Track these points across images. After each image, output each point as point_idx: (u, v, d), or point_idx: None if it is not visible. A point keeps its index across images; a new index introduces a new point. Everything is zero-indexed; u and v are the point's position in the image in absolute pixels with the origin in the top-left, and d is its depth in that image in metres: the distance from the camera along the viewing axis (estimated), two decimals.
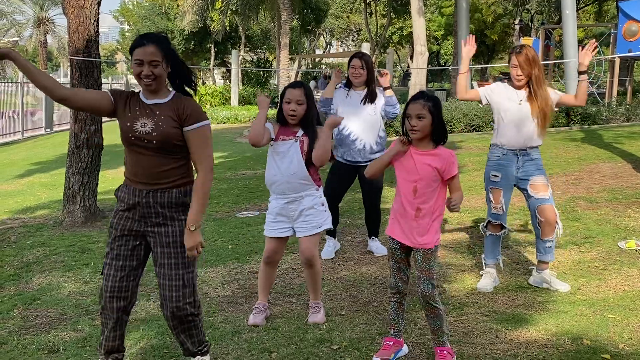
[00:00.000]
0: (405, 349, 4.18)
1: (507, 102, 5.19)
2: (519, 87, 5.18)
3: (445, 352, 3.96)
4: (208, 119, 3.67)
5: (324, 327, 4.61)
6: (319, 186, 4.68)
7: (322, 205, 4.67)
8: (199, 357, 3.85)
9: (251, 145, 4.56)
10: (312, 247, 4.66)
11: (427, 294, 3.93)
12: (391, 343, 4.11)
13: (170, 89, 3.67)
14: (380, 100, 6.19)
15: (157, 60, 3.50)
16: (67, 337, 4.60)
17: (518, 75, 5.10)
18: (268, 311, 4.84)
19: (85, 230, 7.72)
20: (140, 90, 3.67)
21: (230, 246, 6.87)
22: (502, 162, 5.24)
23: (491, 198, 5.32)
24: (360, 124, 6.10)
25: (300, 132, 4.57)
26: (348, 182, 6.37)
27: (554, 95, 5.20)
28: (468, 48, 5.32)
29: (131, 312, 3.85)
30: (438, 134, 3.90)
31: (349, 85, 6.21)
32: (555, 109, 5.31)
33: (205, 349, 3.87)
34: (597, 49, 5.11)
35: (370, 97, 6.13)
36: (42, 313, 5.11)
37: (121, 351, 3.82)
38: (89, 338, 4.55)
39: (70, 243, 7.16)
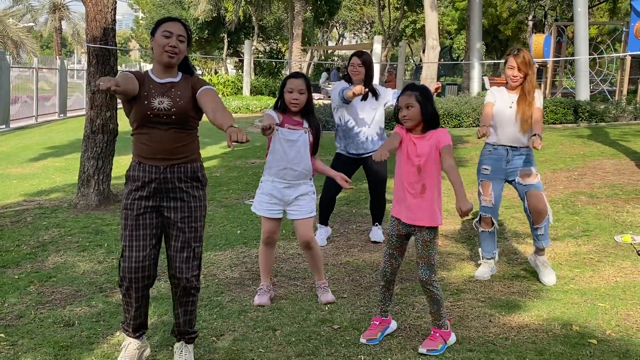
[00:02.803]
0: (393, 325, 4.43)
1: (501, 103, 5.42)
2: (512, 89, 5.38)
3: (437, 334, 4.19)
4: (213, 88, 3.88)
5: (326, 308, 4.85)
6: (314, 175, 4.99)
7: (314, 193, 5.00)
8: (183, 342, 3.97)
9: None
10: (308, 231, 4.95)
11: (424, 279, 4.17)
12: (377, 323, 4.37)
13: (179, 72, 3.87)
14: (385, 96, 6.39)
15: (184, 37, 3.72)
16: (81, 312, 4.84)
17: (514, 76, 5.33)
18: (272, 292, 5.08)
19: (99, 213, 7.97)
20: (148, 70, 3.84)
21: (238, 231, 7.11)
22: (493, 156, 5.47)
23: (481, 190, 5.53)
24: (363, 117, 6.34)
25: (305, 124, 4.82)
26: (349, 173, 6.58)
27: (538, 102, 5.37)
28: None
29: None
30: (430, 121, 4.14)
31: (349, 81, 6.43)
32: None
33: (193, 336, 4.00)
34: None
35: (372, 93, 6.36)
36: (57, 290, 5.35)
37: (146, 326, 4.02)
38: (102, 313, 4.79)
39: (84, 225, 7.41)
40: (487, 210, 5.51)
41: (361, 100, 6.33)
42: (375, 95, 6.39)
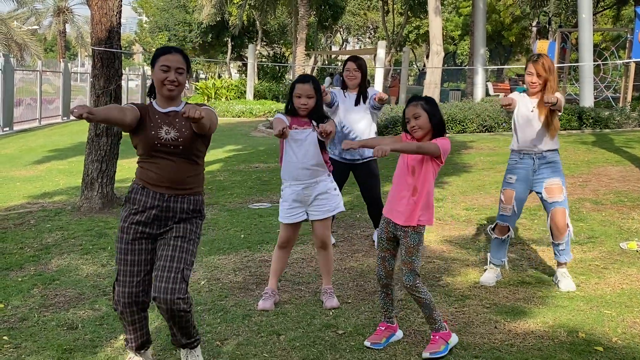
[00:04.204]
0: (399, 333, 4.40)
1: (522, 108, 5.40)
2: (532, 94, 5.36)
3: (437, 337, 4.17)
4: (214, 110, 3.86)
5: (331, 313, 4.82)
6: (331, 171, 4.96)
7: (335, 189, 4.97)
8: (187, 349, 3.91)
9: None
10: (325, 231, 4.98)
11: (408, 285, 4.16)
12: (383, 328, 4.35)
13: (182, 100, 3.86)
14: (369, 95, 6.40)
15: (182, 68, 3.71)
16: (85, 315, 4.83)
17: (533, 83, 5.29)
18: (277, 296, 5.06)
19: (103, 216, 7.96)
20: (151, 102, 3.83)
21: (242, 235, 7.09)
22: (519, 165, 5.44)
23: (502, 198, 5.50)
24: (358, 123, 6.32)
25: (314, 123, 4.82)
26: (343, 179, 6.53)
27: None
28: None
29: None
30: (438, 128, 4.16)
31: (344, 87, 6.42)
32: (560, 113, 5.44)
33: (195, 343, 3.90)
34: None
35: (363, 98, 6.35)
36: (61, 292, 5.34)
37: (150, 342, 3.98)
38: (106, 317, 4.77)
39: (87, 228, 7.40)
40: (506, 219, 5.48)
41: (355, 105, 6.33)
42: (365, 99, 6.36)
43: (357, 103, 6.34)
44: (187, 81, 3.81)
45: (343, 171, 6.48)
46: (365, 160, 6.43)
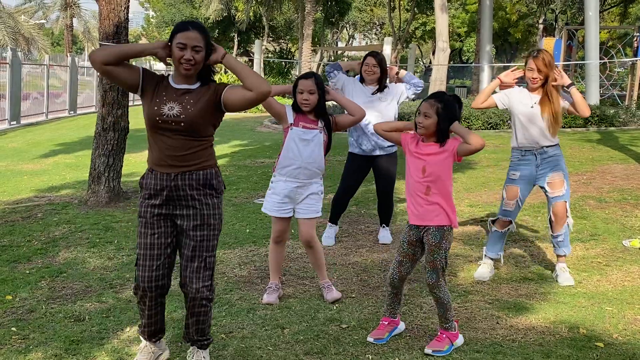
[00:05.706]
0: (401, 326, 4.46)
1: (520, 105, 5.42)
2: (533, 90, 5.39)
3: (444, 335, 4.20)
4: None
5: (335, 307, 4.88)
6: (324, 175, 5.05)
7: (322, 193, 5.05)
8: (195, 347, 3.93)
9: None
10: (310, 230, 5.03)
11: (430, 283, 4.19)
12: (386, 323, 4.40)
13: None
14: (395, 88, 6.43)
15: (200, 46, 3.59)
16: (92, 307, 4.89)
17: (534, 78, 5.32)
18: (281, 290, 5.12)
19: (109, 210, 8.02)
20: (169, 74, 3.78)
21: (247, 230, 7.14)
22: (522, 162, 5.48)
23: (504, 195, 5.54)
24: (377, 114, 6.29)
25: (320, 124, 4.85)
26: (364, 173, 6.60)
27: (563, 103, 5.39)
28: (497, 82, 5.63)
29: None
30: (443, 136, 4.12)
31: (362, 81, 6.43)
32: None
33: (206, 342, 3.92)
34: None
35: (382, 89, 6.37)
36: (68, 285, 5.40)
37: (163, 331, 4.01)
38: (112, 309, 4.83)
39: (94, 221, 7.46)
40: (508, 214, 5.54)
41: (372, 94, 6.35)
42: (383, 89, 6.39)
43: (376, 93, 6.36)
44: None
45: (363, 166, 6.53)
46: (385, 153, 6.45)
